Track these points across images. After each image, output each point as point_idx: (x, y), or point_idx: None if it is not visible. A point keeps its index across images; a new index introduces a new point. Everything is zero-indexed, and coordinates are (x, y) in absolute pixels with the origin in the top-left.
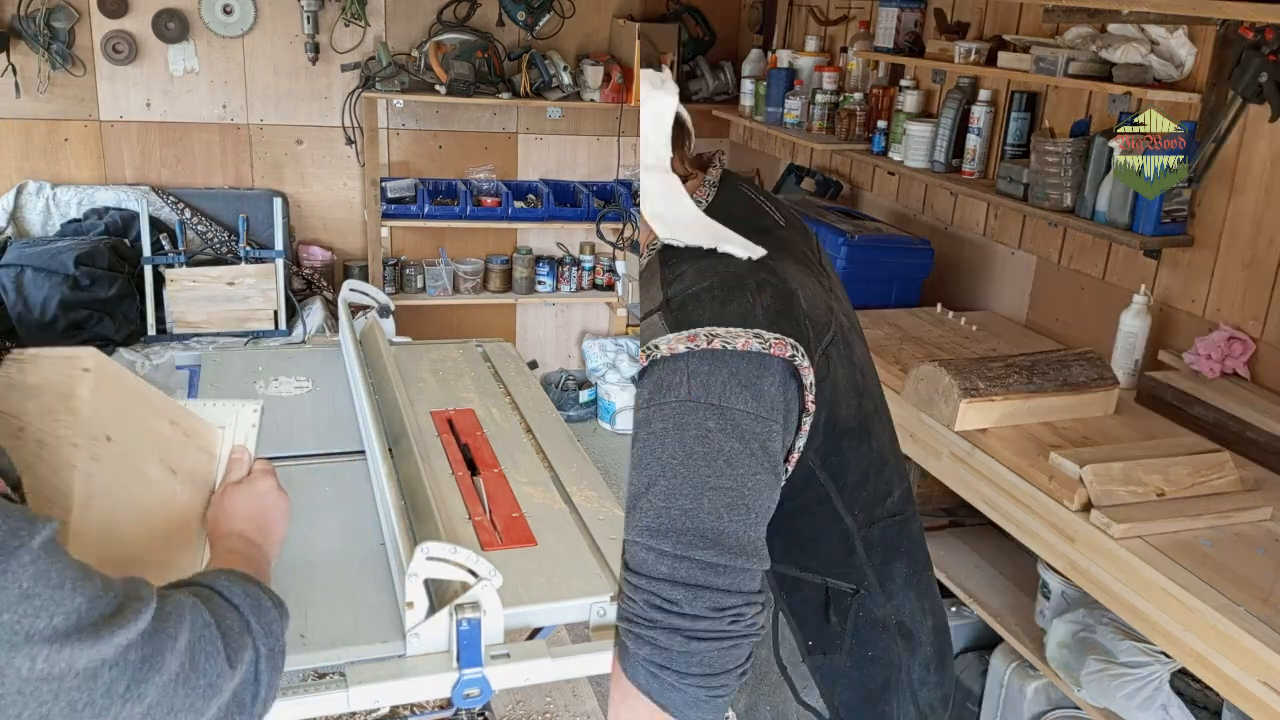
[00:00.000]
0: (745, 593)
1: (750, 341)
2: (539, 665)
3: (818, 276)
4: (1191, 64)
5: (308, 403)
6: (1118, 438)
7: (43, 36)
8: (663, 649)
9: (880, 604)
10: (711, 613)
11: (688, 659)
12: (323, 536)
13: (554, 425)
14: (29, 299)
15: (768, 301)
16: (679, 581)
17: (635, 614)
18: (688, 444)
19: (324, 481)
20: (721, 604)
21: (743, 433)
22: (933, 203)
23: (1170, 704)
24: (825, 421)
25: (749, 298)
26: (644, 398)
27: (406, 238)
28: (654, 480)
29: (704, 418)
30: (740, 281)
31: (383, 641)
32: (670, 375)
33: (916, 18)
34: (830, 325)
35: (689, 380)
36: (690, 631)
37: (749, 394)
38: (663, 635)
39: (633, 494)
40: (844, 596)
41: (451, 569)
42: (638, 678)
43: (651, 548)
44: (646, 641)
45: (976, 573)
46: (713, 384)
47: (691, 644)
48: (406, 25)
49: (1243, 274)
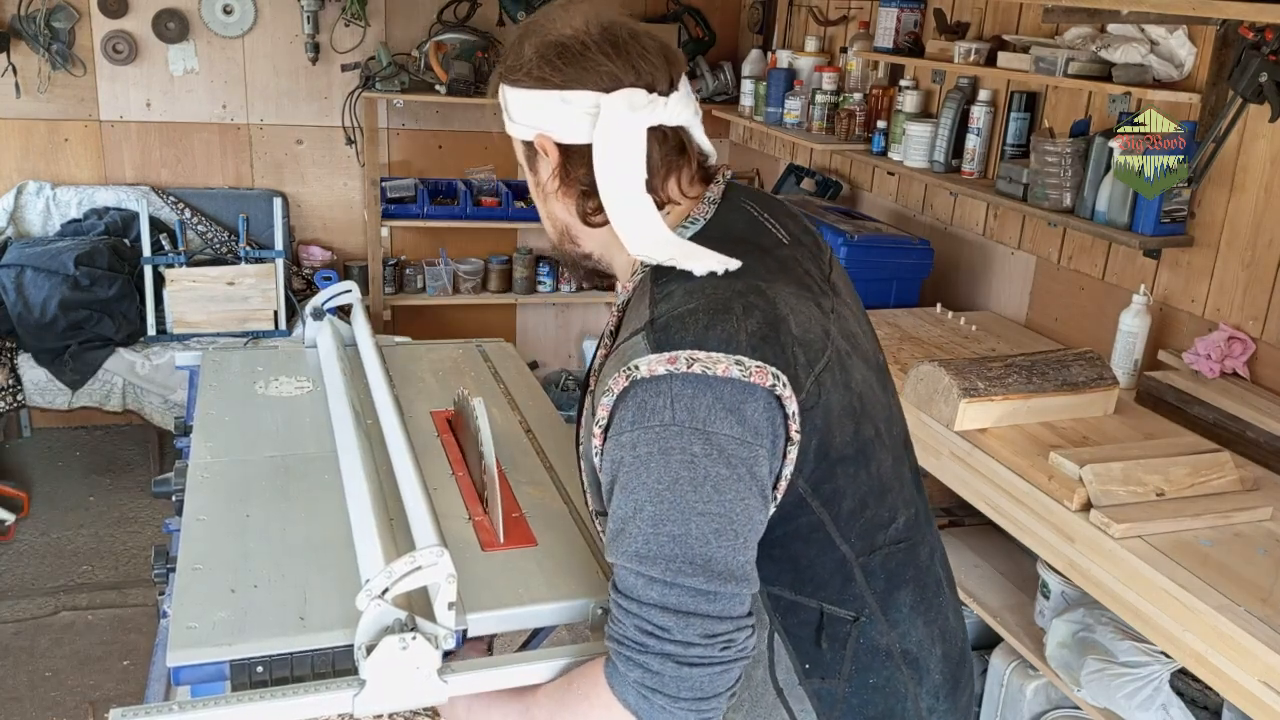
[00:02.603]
0: (735, 618)
1: (730, 368)
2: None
3: (817, 298)
4: (1191, 64)
5: (308, 403)
6: (1117, 438)
7: (43, 36)
8: (654, 673)
9: (883, 632)
10: (703, 639)
11: (679, 684)
12: (323, 520)
13: (554, 425)
14: (29, 299)
15: (753, 327)
16: (669, 608)
17: (626, 637)
18: (673, 469)
19: (324, 470)
20: (713, 630)
21: (729, 458)
22: (932, 203)
23: (1170, 704)
24: (817, 449)
25: (734, 323)
26: (627, 420)
27: (406, 238)
28: (640, 506)
29: (689, 442)
30: (726, 305)
31: None
32: (653, 399)
33: (916, 18)
34: (825, 351)
35: (673, 404)
36: (682, 658)
37: (734, 419)
38: (654, 660)
39: (619, 519)
40: (842, 623)
41: (406, 582)
42: (627, 697)
43: (640, 573)
44: (638, 665)
45: (976, 572)
46: (697, 409)
47: (683, 670)
48: (406, 25)
49: (1242, 274)
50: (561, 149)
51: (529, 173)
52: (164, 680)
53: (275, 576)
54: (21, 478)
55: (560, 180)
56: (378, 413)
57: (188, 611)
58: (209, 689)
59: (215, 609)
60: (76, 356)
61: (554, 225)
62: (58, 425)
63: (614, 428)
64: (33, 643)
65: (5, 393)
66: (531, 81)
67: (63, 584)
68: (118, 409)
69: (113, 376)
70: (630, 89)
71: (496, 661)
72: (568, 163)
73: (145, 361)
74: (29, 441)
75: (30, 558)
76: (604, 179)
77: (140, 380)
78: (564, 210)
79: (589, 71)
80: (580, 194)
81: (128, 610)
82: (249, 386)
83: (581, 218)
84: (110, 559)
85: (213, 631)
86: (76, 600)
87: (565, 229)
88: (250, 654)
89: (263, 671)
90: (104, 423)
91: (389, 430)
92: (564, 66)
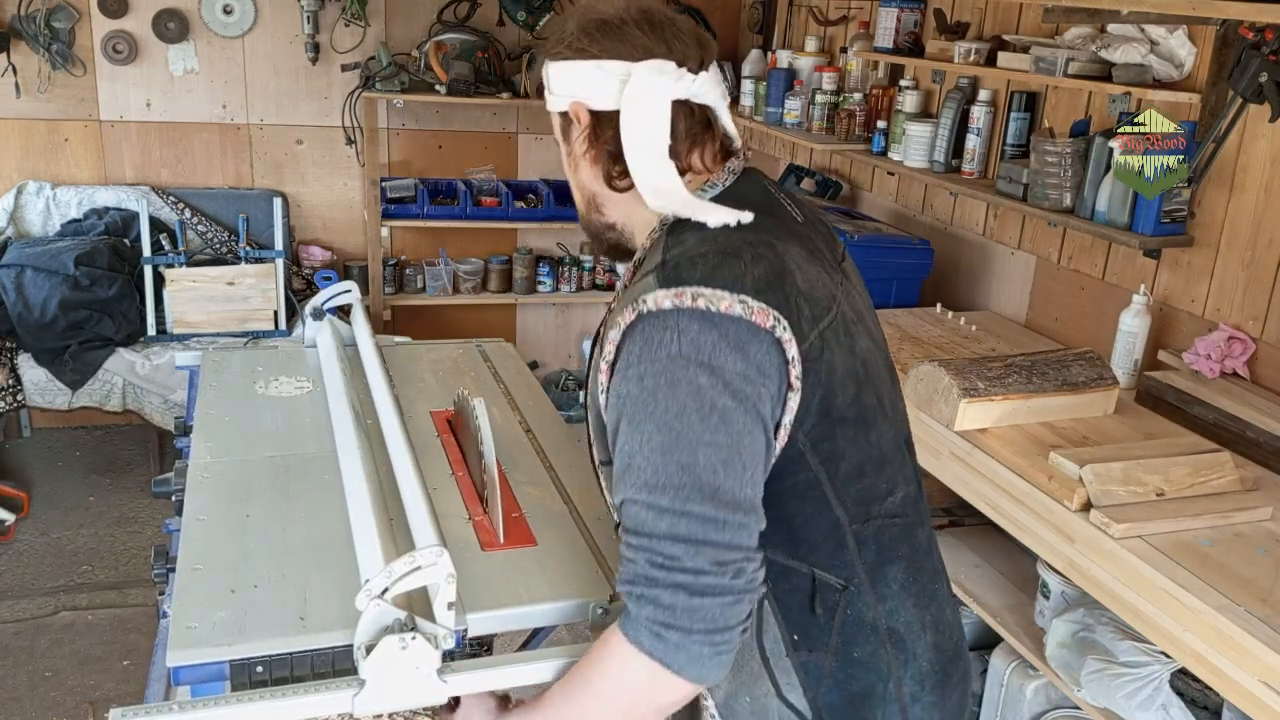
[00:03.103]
0: (745, 548)
1: (734, 305)
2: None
3: (827, 269)
4: (1191, 64)
5: (307, 403)
6: (1117, 438)
7: (43, 36)
8: (666, 607)
9: (870, 605)
10: (713, 567)
11: (691, 615)
12: (323, 520)
13: (554, 425)
14: (29, 299)
15: (760, 272)
16: (679, 538)
17: (637, 575)
18: (680, 399)
19: (324, 470)
20: (723, 558)
21: (735, 391)
22: (932, 203)
23: (1170, 704)
24: (819, 404)
25: (741, 266)
26: (634, 354)
27: (406, 238)
28: (649, 436)
29: (695, 375)
30: (736, 251)
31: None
32: (659, 332)
33: (916, 18)
34: (830, 311)
35: (679, 338)
36: (693, 587)
37: (739, 355)
38: (666, 593)
39: (627, 453)
40: (832, 591)
41: (405, 582)
42: (640, 639)
43: (649, 504)
44: (649, 601)
45: (976, 572)
46: (702, 344)
47: (695, 600)
48: (406, 25)
49: (1242, 274)
50: (593, 114)
51: (562, 144)
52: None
53: (275, 576)
54: (21, 478)
55: (589, 144)
56: (378, 413)
57: (188, 611)
58: (209, 689)
59: (215, 609)
60: (76, 356)
61: (582, 195)
62: (58, 425)
63: (621, 362)
64: (33, 643)
65: (5, 393)
66: (571, 53)
67: (63, 584)
68: (118, 409)
69: (113, 376)
70: (661, 60)
71: (496, 661)
72: (597, 126)
73: (145, 361)
74: (29, 441)
75: (30, 558)
76: (629, 139)
77: (140, 380)
78: (591, 178)
79: (623, 43)
80: (607, 156)
81: (128, 610)
82: (249, 386)
83: (607, 181)
84: (110, 559)
85: (213, 631)
86: (76, 600)
87: (592, 198)
88: (250, 654)
89: (263, 671)
90: (104, 423)
91: (389, 430)
92: (601, 39)
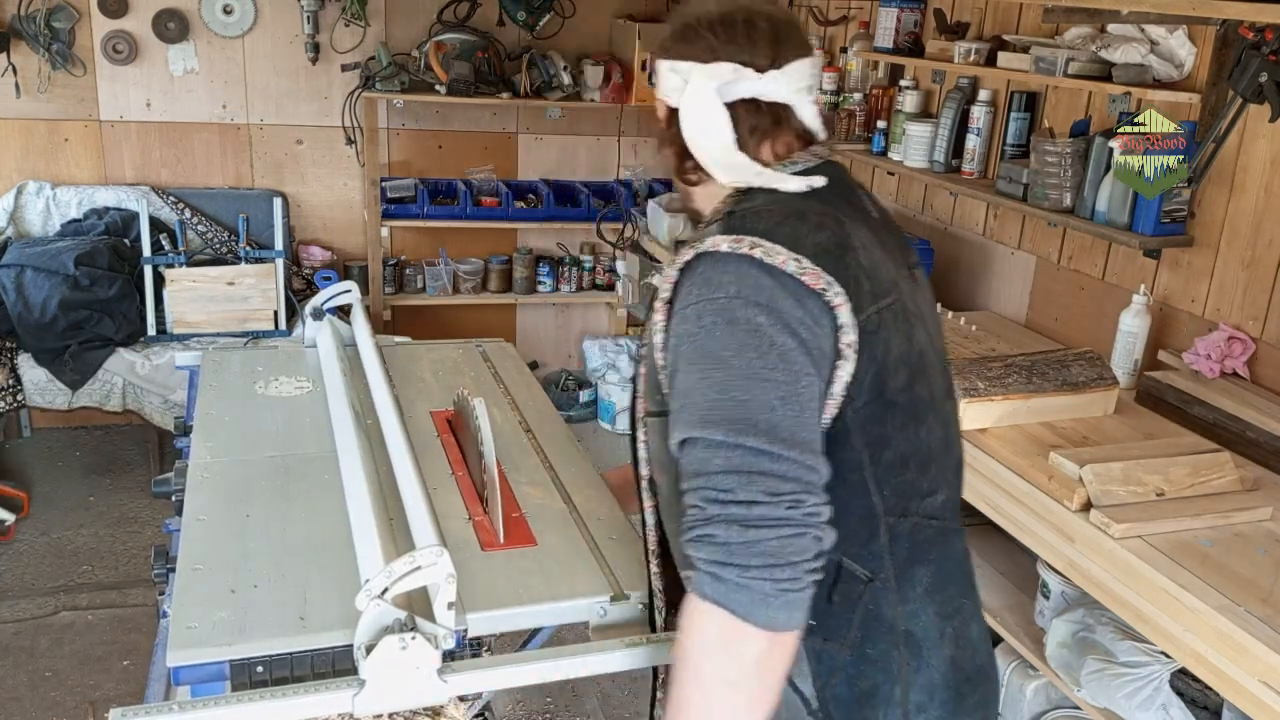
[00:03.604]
0: (802, 480)
1: (788, 262)
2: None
3: (894, 262)
4: (1191, 64)
5: (307, 403)
6: (1117, 438)
7: (43, 36)
8: (720, 544)
9: (892, 603)
10: (767, 497)
11: (747, 550)
12: (323, 520)
13: (554, 425)
14: (29, 299)
15: (822, 239)
16: (732, 469)
17: (693, 517)
18: (739, 336)
19: (324, 470)
20: (777, 489)
21: (794, 331)
22: (932, 203)
23: (1170, 704)
24: (872, 382)
25: (805, 229)
26: (693, 294)
27: (406, 238)
28: (706, 373)
29: (754, 314)
30: (802, 214)
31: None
32: (718, 274)
33: (916, 18)
34: (891, 294)
35: (739, 279)
36: (746, 520)
37: (795, 303)
38: (720, 529)
39: (683, 392)
40: (856, 582)
41: (405, 582)
42: (703, 587)
43: (705, 441)
44: (705, 541)
45: (976, 573)
46: (761, 288)
47: (749, 532)
48: (406, 25)
49: (1242, 274)
50: (670, 111)
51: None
52: (164, 680)
53: (275, 576)
54: (21, 478)
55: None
56: (377, 413)
57: (188, 611)
58: (209, 689)
59: (215, 609)
60: (76, 356)
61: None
62: (58, 425)
63: (679, 300)
64: (33, 643)
65: (5, 393)
66: (660, 52)
67: (63, 584)
68: (118, 409)
69: (113, 376)
70: (721, 63)
71: (496, 661)
72: (671, 122)
73: (145, 361)
74: (29, 441)
75: (30, 558)
76: (688, 136)
77: (140, 380)
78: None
79: (693, 45)
80: (679, 152)
81: (128, 610)
82: (249, 386)
83: (678, 174)
84: (110, 559)
85: (213, 631)
86: (76, 600)
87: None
88: (250, 654)
89: (263, 671)
90: (104, 423)
91: (389, 430)
92: (680, 42)
